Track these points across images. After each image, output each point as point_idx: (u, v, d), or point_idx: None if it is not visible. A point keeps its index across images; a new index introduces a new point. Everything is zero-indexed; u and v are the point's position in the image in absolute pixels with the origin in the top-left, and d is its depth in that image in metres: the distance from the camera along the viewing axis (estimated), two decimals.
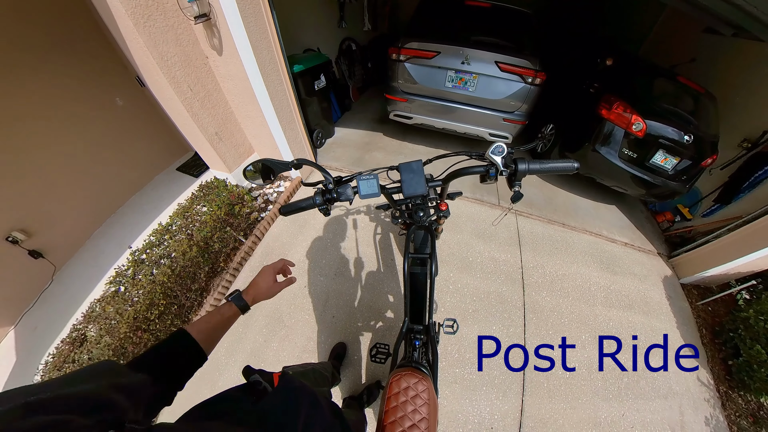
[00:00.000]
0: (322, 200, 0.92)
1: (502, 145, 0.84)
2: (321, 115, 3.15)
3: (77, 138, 2.33)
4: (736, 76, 2.81)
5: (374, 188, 0.92)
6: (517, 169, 0.82)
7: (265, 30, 1.96)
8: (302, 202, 0.93)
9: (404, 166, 0.96)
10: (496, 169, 0.85)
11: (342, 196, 0.93)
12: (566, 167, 0.84)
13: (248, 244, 2.37)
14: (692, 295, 2.54)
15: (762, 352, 1.98)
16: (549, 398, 1.82)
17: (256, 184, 0.98)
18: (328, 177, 0.94)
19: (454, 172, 0.97)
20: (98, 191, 2.56)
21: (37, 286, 2.23)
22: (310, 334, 1.94)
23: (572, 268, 2.46)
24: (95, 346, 1.68)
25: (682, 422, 1.89)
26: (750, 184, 2.43)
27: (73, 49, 2.19)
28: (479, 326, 2.03)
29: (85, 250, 2.47)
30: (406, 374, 0.89)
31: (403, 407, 0.84)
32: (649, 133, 2.44)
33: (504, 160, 0.83)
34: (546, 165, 0.84)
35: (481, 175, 0.90)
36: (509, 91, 2.62)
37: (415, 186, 0.94)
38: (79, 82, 2.27)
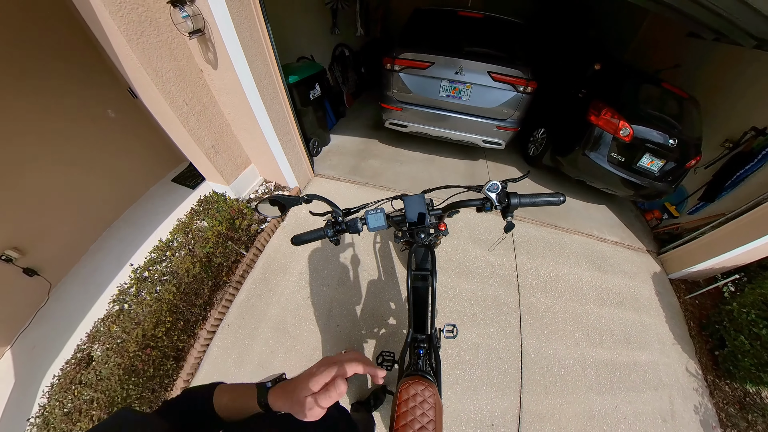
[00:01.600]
0: (333, 232, 0.97)
1: (496, 183, 0.92)
2: (316, 124, 3.16)
3: (68, 151, 2.29)
4: (718, 79, 2.92)
5: (381, 221, 0.98)
6: (509, 204, 0.90)
7: (260, 43, 1.97)
8: (313, 234, 0.97)
9: (407, 199, 1.04)
10: (491, 204, 0.93)
11: (351, 228, 0.98)
12: (553, 201, 0.93)
13: (249, 257, 2.39)
14: (680, 289, 2.66)
15: (746, 343, 2.10)
16: (545, 394, 1.90)
17: (268, 217, 1.02)
18: (338, 210, 0.99)
19: (453, 204, 1.07)
20: (92, 205, 2.53)
21: (33, 305, 2.21)
22: (316, 343, 1.99)
23: (565, 269, 2.55)
24: (103, 366, 1.69)
25: (672, 411, 1.99)
26: (732, 182, 2.55)
27: (63, 61, 2.16)
28: (477, 329, 2.10)
29: (81, 266, 2.45)
30: (413, 382, 0.97)
31: (413, 412, 0.92)
32: (635, 138, 2.53)
33: (498, 196, 0.92)
34: (535, 199, 0.93)
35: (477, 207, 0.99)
36: (502, 100, 2.69)
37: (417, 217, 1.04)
38: (70, 94, 2.23)
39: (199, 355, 2.00)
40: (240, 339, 2.04)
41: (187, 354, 2.01)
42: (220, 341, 2.04)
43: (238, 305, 2.19)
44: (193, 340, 2.06)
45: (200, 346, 2.02)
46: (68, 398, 1.66)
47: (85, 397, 1.65)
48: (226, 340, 2.04)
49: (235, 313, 2.16)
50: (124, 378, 1.67)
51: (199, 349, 2.01)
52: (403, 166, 3.32)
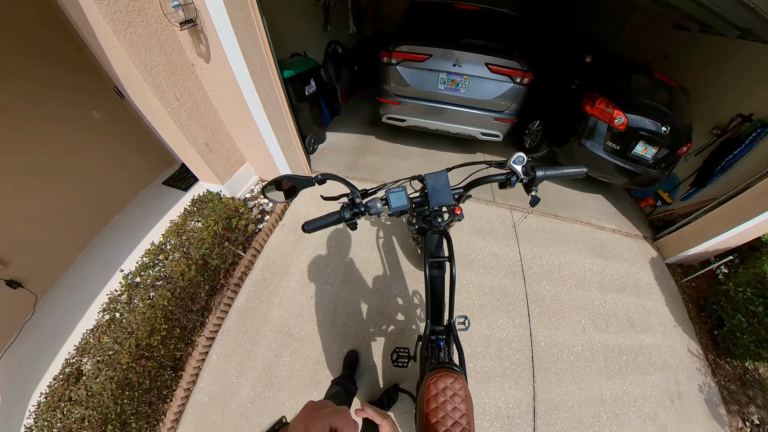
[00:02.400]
0: (350, 215, 0.90)
1: (522, 156, 0.91)
2: (312, 120, 3.10)
3: (51, 156, 2.15)
4: (704, 69, 3.03)
5: (404, 200, 0.91)
6: (535, 176, 0.90)
7: (255, 35, 1.90)
8: (327, 218, 0.90)
9: (430, 177, 0.96)
10: (517, 177, 0.91)
11: (372, 210, 0.90)
12: (577, 172, 0.94)
13: (248, 258, 2.30)
14: (677, 273, 2.73)
15: (743, 321, 2.15)
16: (558, 382, 1.90)
17: (277, 201, 0.94)
18: (355, 191, 0.92)
19: (476, 180, 1.02)
20: (78, 212, 2.38)
21: (18, 319, 2.05)
22: (322, 344, 1.91)
23: (567, 257, 2.57)
24: (94, 380, 1.57)
25: (678, 392, 2.03)
26: (722, 168, 2.64)
27: (44, 60, 2.02)
28: (487, 320, 2.08)
29: (68, 276, 2.30)
30: (442, 375, 0.91)
31: (444, 407, 0.87)
32: (630, 126, 2.59)
33: (524, 168, 0.90)
34: (560, 171, 0.93)
35: (501, 182, 0.97)
36: (499, 92, 2.70)
37: (442, 196, 0.95)
38: (52, 95, 2.09)
39: (198, 363, 1.90)
40: (241, 344, 1.95)
41: (185, 363, 1.90)
42: (220, 348, 1.94)
43: (238, 309, 2.09)
44: (191, 347, 1.95)
45: (199, 354, 1.91)
46: (57, 417, 1.52)
47: (75, 415, 1.52)
48: (226, 346, 1.94)
49: (235, 317, 2.06)
50: (118, 393, 1.55)
51: (197, 357, 1.90)
52: (401, 161, 3.29)
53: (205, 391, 1.80)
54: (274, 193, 0.92)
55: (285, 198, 0.92)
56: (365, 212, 0.91)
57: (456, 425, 0.83)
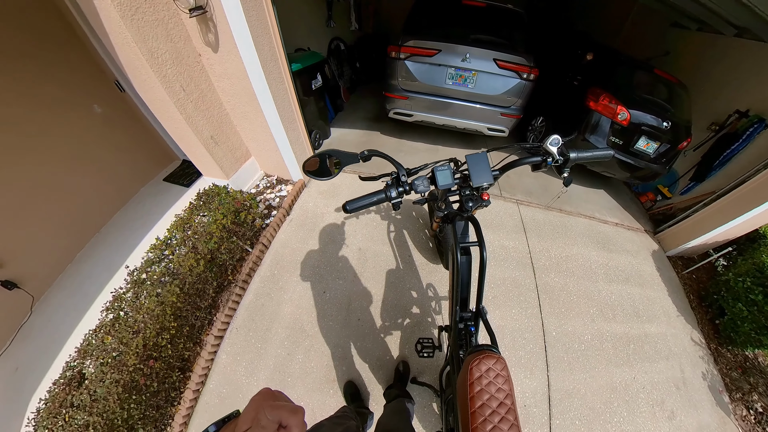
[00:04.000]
0: (397, 193, 0.90)
1: (557, 138, 0.96)
2: (318, 115, 3.06)
3: (49, 152, 2.05)
4: (702, 66, 3.13)
5: (449, 178, 0.93)
6: (569, 158, 0.95)
7: (267, 24, 1.86)
8: (371, 197, 0.88)
9: (471, 157, 0.98)
10: (552, 158, 0.96)
11: (419, 187, 0.92)
12: (604, 155, 1.01)
13: (255, 253, 2.24)
14: (678, 265, 2.81)
15: (743, 309, 2.23)
16: (570, 371, 1.92)
17: (318, 179, 0.92)
18: (402, 169, 0.94)
19: (511, 162, 1.03)
20: (77, 209, 2.28)
21: (14, 321, 1.95)
22: (337, 340, 1.88)
23: (574, 250, 2.61)
24: (98, 384, 1.49)
25: (683, 379, 2.08)
26: (720, 162, 2.73)
27: (43, 53, 1.93)
28: (500, 311, 2.09)
29: (66, 276, 2.20)
30: (485, 356, 0.90)
31: (488, 389, 0.85)
32: (632, 122, 2.66)
33: (559, 150, 0.95)
34: (589, 153, 0.99)
35: (536, 164, 1.01)
36: (506, 87, 2.73)
37: (484, 176, 0.96)
38: (51, 89, 2.00)
39: (206, 363, 1.83)
40: (251, 343, 1.90)
41: (193, 363, 1.83)
42: (229, 347, 1.89)
43: (246, 306, 2.04)
44: (200, 347, 1.88)
45: (207, 353, 1.85)
46: (58, 424, 1.44)
47: (78, 421, 1.43)
48: (235, 345, 1.89)
49: (244, 315, 2.00)
50: (124, 396, 1.47)
51: (206, 357, 1.84)
52: (407, 157, 3.27)
53: (215, 392, 1.74)
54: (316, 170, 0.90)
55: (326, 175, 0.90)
56: (411, 190, 0.91)
57: (502, 406, 0.81)
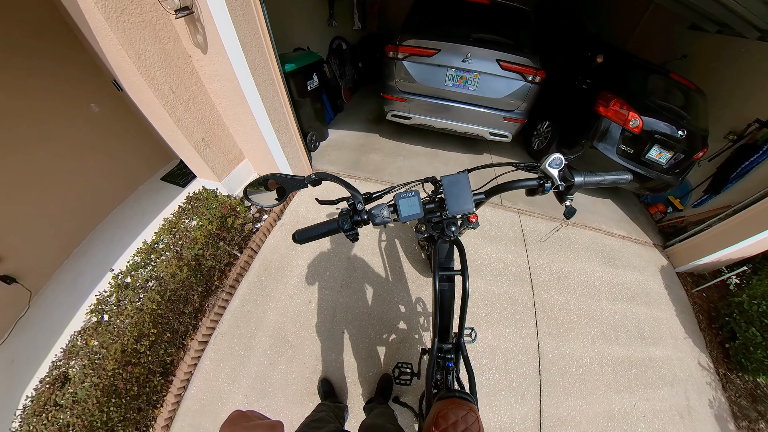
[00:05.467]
0: (350, 225, 0.75)
1: (559, 158, 0.77)
2: (314, 116, 2.99)
3: (49, 149, 2.08)
4: (720, 71, 2.93)
5: (416, 208, 0.76)
6: (573, 183, 0.77)
7: (255, 25, 1.79)
8: (322, 227, 0.75)
9: (448, 179, 0.80)
10: (552, 183, 0.78)
11: (377, 219, 0.75)
12: (620, 179, 0.82)
13: (244, 258, 2.20)
14: (687, 282, 2.65)
15: (757, 335, 2.07)
16: (565, 396, 1.82)
17: (260, 205, 0.79)
18: (358, 195, 0.78)
19: (501, 185, 0.87)
20: (75, 206, 2.30)
21: (12, 314, 1.99)
22: (319, 352, 1.83)
23: (576, 264, 2.48)
24: (80, 386, 1.48)
25: (688, 407, 1.95)
26: (737, 174, 2.55)
27: (39, 51, 1.93)
28: (493, 330, 1.99)
29: (63, 272, 2.23)
30: (453, 407, 0.81)
31: None
32: (645, 129, 2.49)
33: (560, 173, 0.77)
34: (601, 177, 0.80)
35: (531, 188, 0.83)
36: (510, 90, 2.60)
37: (462, 203, 0.79)
38: (48, 87, 2.00)
39: (189, 369, 1.81)
40: (235, 350, 1.86)
41: (176, 368, 1.81)
42: (213, 353, 1.86)
43: (233, 312, 2.01)
44: (183, 352, 1.86)
45: (191, 358, 1.83)
46: (42, 422, 1.45)
47: (60, 421, 1.45)
48: (219, 351, 1.86)
49: (229, 320, 1.97)
50: (103, 400, 1.47)
51: (189, 362, 1.82)
52: (405, 161, 3.18)
53: (196, 398, 1.72)
54: (258, 196, 0.77)
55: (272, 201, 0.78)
56: (368, 221, 0.76)
57: None
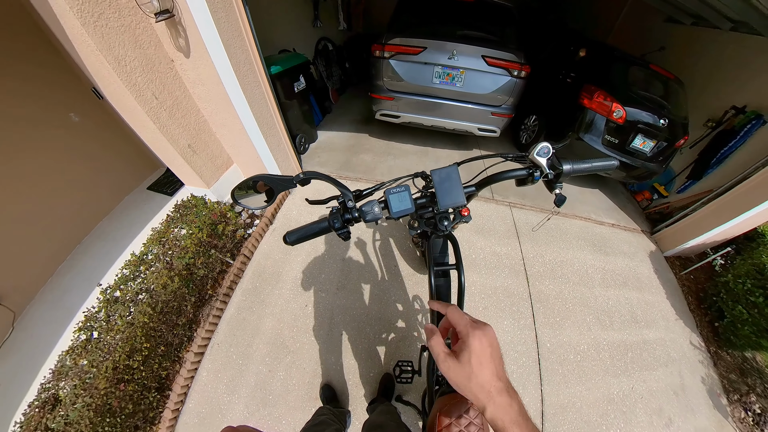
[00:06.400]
0: (342, 223, 0.73)
1: (547, 146, 0.79)
2: (302, 119, 2.97)
3: (28, 162, 1.98)
4: (697, 62, 3.04)
5: (407, 203, 0.75)
6: (562, 171, 0.78)
7: (238, 27, 1.77)
8: (313, 227, 0.73)
9: (438, 173, 0.79)
10: (541, 172, 0.80)
11: (368, 215, 0.73)
12: (607, 165, 0.84)
13: (237, 266, 2.16)
14: (675, 266, 2.73)
15: (743, 312, 2.15)
16: (565, 384, 1.85)
17: (249, 208, 0.76)
18: (348, 193, 0.76)
19: (491, 177, 0.88)
20: (58, 220, 2.20)
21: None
22: (319, 356, 1.81)
23: (569, 254, 2.53)
24: (71, 408, 1.42)
25: (683, 385, 2.01)
26: (717, 159, 2.64)
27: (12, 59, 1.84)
28: (491, 323, 1.94)
29: (49, 290, 2.12)
30: (456, 402, 0.81)
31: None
32: (628, 120, 2.56)
33: (549, 162, 0.78)
34: (589, 164, 0.82)
35: (521, 178, 0.84)
36: (496, 85, 2.63)
37: (454, 196, 0.78)
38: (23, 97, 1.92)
39: (186, 382, 1.76)
40: (232, 359, 1.82)
41: (172, 382, 1.76)
42: (210, 363, 1.81)
43: (228, 321, 1.96)
44: (179, 365, 1.81)
45: (187, 371, 1.78)
46: None
47: None
48: (216, 361, 1.81)
49: (225, 330, 1.93)
50: (97, 420, 1.42)
51: (185, 375, 1.76)
52: (396, 160, 3.19)
53: (194, 412, 1.67)
54: (247, 199, 0.74)
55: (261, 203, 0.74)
56: (359, 219, 0.74)
57: None
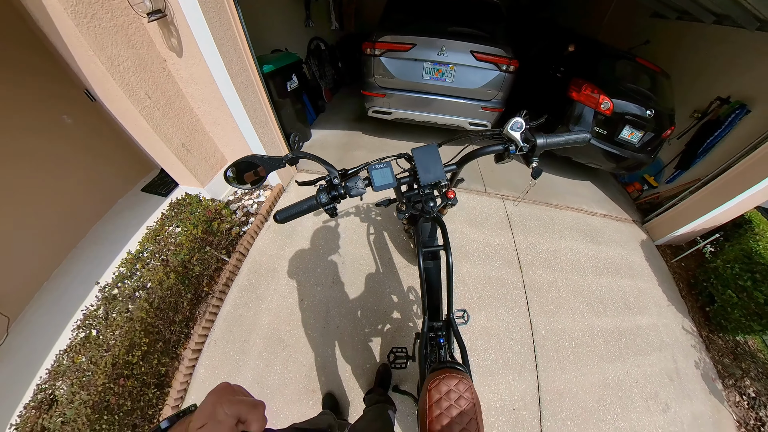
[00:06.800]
0: (328, 198, 0.79)
1: (520, 121, 0.84)
2: (296, 117, 3.00)
3: (19, 167, 1.98)
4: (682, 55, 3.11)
5: (389, 178, 0.82)
6: (536, 144, 0.82)
7: (230, 26, 1.80)
8: (302, 204, 0.79)
9: (418, 151, 0.87)
10: (516, 146, 0.83)
11: (352, 190, 0.79)
12: (579, 138, 0.88)
13: (233, 263, 2.18)
14: (667, 254, 2.78)
15: (733, 296, 2.19)
16: (561, 370, 1.87)
17: (241, 188, 0.82)
18: (333, 171, 0.82)
19: (470, 154, 0.93)
20: (52, 225, 2.19)
21: None
22: (316, 349, 1.82)
23: (562, 243, 2.57)
24: (68, 406, 1.43)
25: (677, 369, 2.04)
26: (704, 149, 2.71)
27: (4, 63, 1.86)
28: (486, 312, 2.03)
29: (44, 294, 2.12)
30: (445, 377, 0.83)
31: (449, 412, 0.78)
32: (615, 111, 2.62)
33: (523, 136, 0.82)
34: (562, 138, 0.86)
35: (498, 154, 0.88)
36: (485, 80, 2.68)
37: (433, 172, 0.86)
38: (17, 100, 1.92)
39: (185, 378, 1.77)
40: (229, 355, 1.83)
41: (171, 379, 1.77)
42: (207, 360, 1.82)
43: (224, 317, 1.97)
44: (177, 362, 1.82)
45: (185, 368, 1.79)
46: None
47: None
48: (213, 358, 1.82)
49: (222, 326, 1.94)
50: (94, 418, 1.41)
51: (184, 371, 1.77)
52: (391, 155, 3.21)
53: None
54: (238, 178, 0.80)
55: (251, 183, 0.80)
56: (345, 194, 0.80)
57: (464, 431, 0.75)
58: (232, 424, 0.34)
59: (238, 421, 0.35)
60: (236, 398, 0.37)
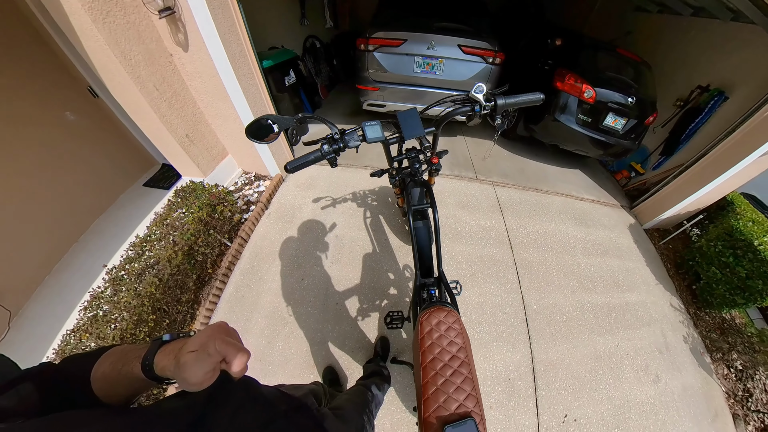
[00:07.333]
0: (330, 149, 0.95)
1: (481, 85, 1.01)
2: (293, 111, 3.13)
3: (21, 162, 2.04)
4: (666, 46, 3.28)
5: (378, 132, 0.99)
6: (496, 104, 1.01)
7: (233, 22, 1.93)
8: (309, 156, 0.95)
9: (401, 114, 1.05)
10: (480, 106, 1.00)
11: (350, 142, 0.97)
12: (534, 98, 1.06)
13: (234, 247, 2.27)
14: (654, 237, 2.87)
15: (717, 272, 2.28)
16: (553, 342, 1.94)
17: (261, 142, 0.99)
18: (334, 128, 0.98)
19: (444, 115, 1.10)
20: (54, 220, 2.23)
21: None
22: (316, 325, 1.90)
23: (551, 226, 2.66)
24: None
25: (666, 343, 2.11)
26: (686, 135, 2.84)
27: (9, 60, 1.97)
28: (479, 288, 2.11)
29: (46, 287, 2.15)
30: (434, 311, 0.91)
31: (439, 342, 0.85)
32: (598, 99, 2.75)
33: (485, 96, 1.01)
34: (518, 98, 1.04)
35: (468, 115, 1.06)
36: (473, 72, 2.83)
37: (414, 128, 1.03)
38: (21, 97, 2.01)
39: None
40: None
41: None
42: None
43: (227, 299, 2.05)
44: None
45: None
46: None
47: None
48: None
49: (225, 307, 2.02)
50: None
51: None
52: None
53: None
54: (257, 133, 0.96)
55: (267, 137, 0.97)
56: (344, 147, 0.96)
57: (454, 359, 0.81)
58: (218, 360, 0.38)
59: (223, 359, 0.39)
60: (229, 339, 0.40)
